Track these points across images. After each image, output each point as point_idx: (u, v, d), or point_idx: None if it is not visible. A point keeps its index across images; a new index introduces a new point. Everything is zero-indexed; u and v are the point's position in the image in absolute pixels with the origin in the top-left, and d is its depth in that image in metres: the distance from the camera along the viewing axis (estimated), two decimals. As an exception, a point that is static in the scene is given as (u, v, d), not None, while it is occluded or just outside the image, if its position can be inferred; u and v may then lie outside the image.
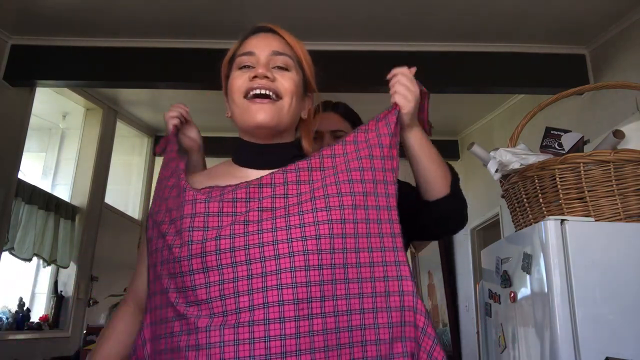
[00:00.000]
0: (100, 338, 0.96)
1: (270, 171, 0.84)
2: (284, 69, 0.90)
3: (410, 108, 0.95)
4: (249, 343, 0.68)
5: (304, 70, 0.95)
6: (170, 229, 0.80)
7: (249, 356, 0.68)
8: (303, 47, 0.96)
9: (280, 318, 0.69)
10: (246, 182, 0.83)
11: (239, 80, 0.88)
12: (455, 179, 1.13)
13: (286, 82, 0.88)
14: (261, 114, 0.86)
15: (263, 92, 0.86)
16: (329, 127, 1.40)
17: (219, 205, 0.79)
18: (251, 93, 0.86)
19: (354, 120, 1.45)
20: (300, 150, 0.98)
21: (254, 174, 0.88)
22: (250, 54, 0.90)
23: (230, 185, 0.83)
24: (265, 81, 0.86)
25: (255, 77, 0.86)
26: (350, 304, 0.73)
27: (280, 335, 0.68)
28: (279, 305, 0.70)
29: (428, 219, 1.11)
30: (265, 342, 0.68)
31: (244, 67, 0.90)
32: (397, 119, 0.93)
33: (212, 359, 0.68)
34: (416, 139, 1.01)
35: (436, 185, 1.06)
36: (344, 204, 0.77)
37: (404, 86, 0.98)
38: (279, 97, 0.87)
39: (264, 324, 0.69)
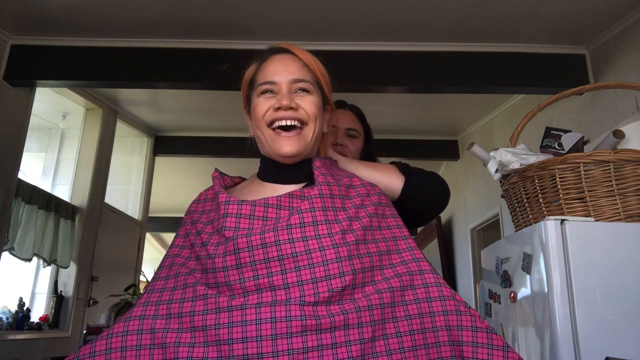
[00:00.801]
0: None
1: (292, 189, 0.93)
2: (305, 90, 0.95)
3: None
4: (286, 321, 0.74)
5: (322, 89, 1.00)
6: (207, 228, 0.88)
7: (286, 333, 0.74)
8: (319, 65, 1.01)
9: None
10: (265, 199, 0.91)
11: (263, 108, 0.94)
12: (401, 166, 1.22)
13: (308, 107, 0.94)
14: (287, 146, 0.93)
15: (289, 123, 0.93)
16: (345, 124, 1.44)
17: (251, 208, 0.87)
18: (276, 124, 0.93)
19: (365, 124, 1.50)
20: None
21: (282, 188, 0.95)
22: (271, 83, 0.95)
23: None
24: (290, 112, 0.92)
25: (279, 108, 0.92)
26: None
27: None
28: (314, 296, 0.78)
29: (410, 210, 1.19)
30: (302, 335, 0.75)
31: (266, 92, 0.96)
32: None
33: (246, 334, 0.74)
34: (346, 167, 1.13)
35: (391, 185, 1.15)
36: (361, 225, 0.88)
37: None
38: (303, 124, 0.94)
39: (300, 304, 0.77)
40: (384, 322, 0.80)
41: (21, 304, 3.48)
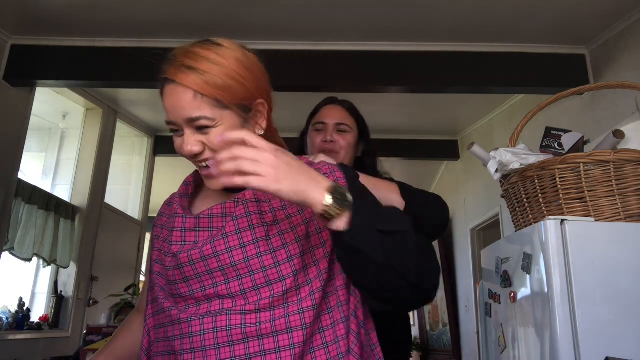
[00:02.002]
0: (109, 340, 1.04)
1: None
2: (204, 127, 0.83)
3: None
4: (227, 330, 0.76)
5: (232, 102, 0.86)
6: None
7: (228, 341, 0.76)
8: (216, 77, 0.84)
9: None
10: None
11: (178, 149, 0.88)
12: (403, 187, 1.18)
13: (215, 141, 0.82)
14: (213, 185, 0.89)
15: (204, 164, 0.86)
16: (334, 119, 1.41)
17: (195, 221, 0.87)
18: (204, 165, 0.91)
19: (358, 119, 1.46)
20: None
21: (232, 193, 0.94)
22: (172, 123, 0.85)
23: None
24: (200, 157, 0.85)
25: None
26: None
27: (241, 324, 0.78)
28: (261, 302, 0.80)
29: None
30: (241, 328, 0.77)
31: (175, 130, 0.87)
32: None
33: (193, 345, 0.77)
34: None
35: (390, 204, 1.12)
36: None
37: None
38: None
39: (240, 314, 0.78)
40: (320, 316, 0.82)
41: (21, 304, 3.48)
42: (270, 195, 0.83)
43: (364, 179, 1.14)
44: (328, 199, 0.70)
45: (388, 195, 1.13)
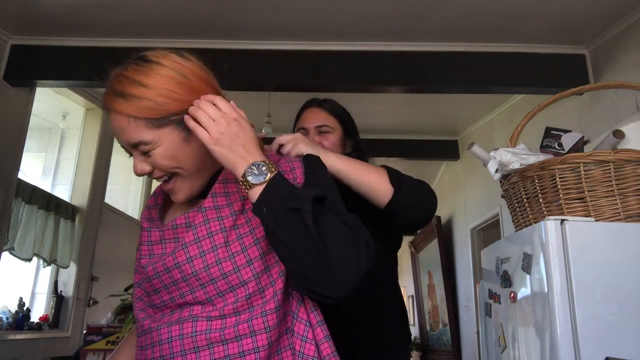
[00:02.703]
0: (115, 350, 1.05)
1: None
2: (144, 154, 0.84)
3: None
4: (192, 336, 0.78)
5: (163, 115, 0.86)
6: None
7: (193, 347, 0.77)
8: (135, 95, 0.85)
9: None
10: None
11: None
12: (392, 173, 1.19)
13: (160, 162, 0.84)
14: (176, 198, 0.92)
15: (160, 181, 0.93)
16: (314, 122, 1.41)
17: (160, 234, 0.89)
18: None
19: (341, 117, 1.45)
20: None
21: (196, 201, 0.95)
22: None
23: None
24: (151, 175, 0.90)
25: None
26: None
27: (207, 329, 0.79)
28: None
29: (395, 222, 1.19)
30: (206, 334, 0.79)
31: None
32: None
33: (162, 353, 0.79)
34: (332, 168, 1.12)
35: (378, 192, 1.14)
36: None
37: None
38: (173, 175, 0.87)
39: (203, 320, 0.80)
40: (286, 316, 0.83)
41: (21, 304, 3.48)
42: (233, 198, 0.85)
43: (353, 163, 1.15)
44: (245, 172, 0.77)
45: (377, 181, 1.14)
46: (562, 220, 1.44)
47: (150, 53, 0.86)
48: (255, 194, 0.77)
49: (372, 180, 1.14)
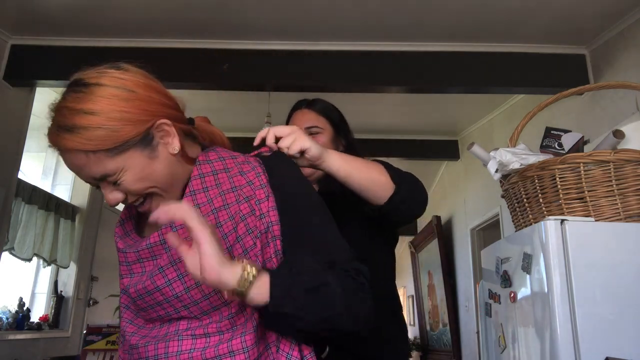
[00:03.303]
0: None
1: None
2: (113, 183, 0.82)
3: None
4: (176, 355, 0.76)
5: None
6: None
7: None
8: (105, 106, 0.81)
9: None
10: None
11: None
12: (390, 168, 1.18)
13: (131, 185, 0.81)
14: (155, 218, 0.89)
15: (137, 204, 0.89)
16: (303, 124, 1.40)
17: (136, 255, 0.86)
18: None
19: (331, 116, 1.44)
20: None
21: None
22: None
23: None
24: (127, 201, 0.86)
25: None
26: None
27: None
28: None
29: (390, 218, 1.18)
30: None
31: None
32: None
33: None
34: (335, 166, 1.09)
35: (378, 188, 1.12)
36: None
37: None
38: (148, 196, 0.85)
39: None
40: (266, 333, 0.81)
41: (21, 304, 3.48)
42: (204, 210, 0.80)
43: (354, 161, 1.12)
44: (236, 285, 0.71)
45: (379, 177, 1.13)
46: (562, 220, 1.44)
47: (86, 75, 0.79)
48: (263, 297, 0.73)
49: (374, 177, 1.12)
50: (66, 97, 0.77)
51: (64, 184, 4.05)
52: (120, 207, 0.93)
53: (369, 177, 1.11)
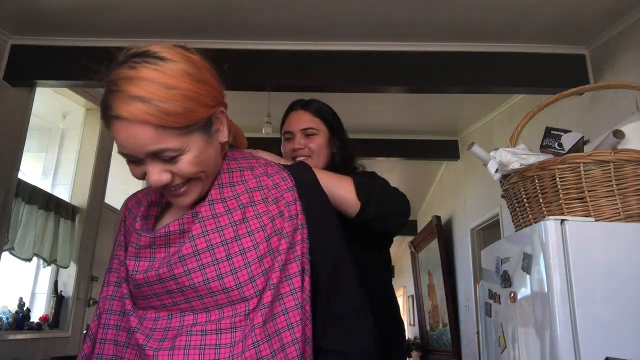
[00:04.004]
0: None
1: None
2: (170, 159, 0.77)
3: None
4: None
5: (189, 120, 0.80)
6: None
7: None
8: (164, 91, 0.77)
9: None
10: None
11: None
12: (359, 185, 1.19)
13: (184, 169, 0.77)
14: (181, 203, 0.85)
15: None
16: (299, 125, 1.41)
17: (151, 240, 0.84)
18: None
19: (326, 117, 1.45)
20: None
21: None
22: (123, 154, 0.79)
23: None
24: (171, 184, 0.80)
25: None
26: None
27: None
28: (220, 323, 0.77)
29: (373, 229, 1.22)
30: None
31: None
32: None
33: None
34: None
35: (345, 205, 1.16)
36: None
37: None
38: (189, 180, 0.81)
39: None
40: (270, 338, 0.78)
41: (21, 304, 3.48)
42: (231, 205, 0.80)
43: (322, 177, 1.10)
44: None
45: (344, 195, 1.16)
46: (562, 220, 1.44)
47: (152, 48, 0.77)
48: None
49: (341, 194, 1.15)
50: (137, 67, 0.72)
51: (64, 184, 4.05)
52: (119, 205, 0.91)
53: (336, 194, 1.14)
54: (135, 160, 0.76)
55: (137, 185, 4.86)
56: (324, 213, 0.89)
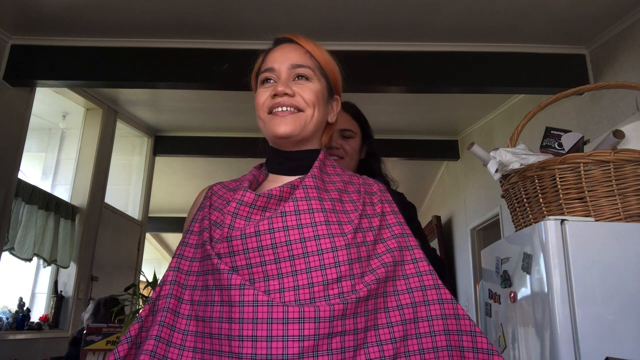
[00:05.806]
0: None
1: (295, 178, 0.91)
2: (305, 78, 0.94)
3: None
4: (283, 323, 0.71)
5: (326, 76, 0.99)
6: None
7: (282, 336, 0.71)
8: (324, 52, 1.01)
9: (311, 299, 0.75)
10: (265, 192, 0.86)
11: (262, 97, 0.93)
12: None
13: (306, 94, 0.91)
14: (282, 126, 0.90)
15: (284, 109, 0.91)
16: (338, 125, 1.41)
17: (254, 197, 0.84)
18: (274, 111, 0.91)
19: (362, 123, 1.48)
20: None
21: (285, 179, 0.92)
22: (271, 70, 0.94)
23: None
24: (285, 98, 0.90)
25: (275, 95, 0.90)
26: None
27: (315, 317, 0.72)
28: (308, 288, 0.76)
29: None
30: (299, 323, 0.72)
31: (266, 81, 0.95)
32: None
33: (257, 333, 0.71)
34: None
35: None
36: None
37: None
38: (300, 110, 0.91)
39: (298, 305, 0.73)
40: (376, 312, 0.78)
41: (21, 304, 3.48)
42: (329, 186, 0.89)
43: None
44: None
45: None
46: (562, 220, 1.44)
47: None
48: None
49: None
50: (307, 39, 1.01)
51: (64, 184, 4.05)
52: (120, 206, 0.92)
53: None
54: (269, 79, 0.94)
55: (137, 185, 4.86)
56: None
